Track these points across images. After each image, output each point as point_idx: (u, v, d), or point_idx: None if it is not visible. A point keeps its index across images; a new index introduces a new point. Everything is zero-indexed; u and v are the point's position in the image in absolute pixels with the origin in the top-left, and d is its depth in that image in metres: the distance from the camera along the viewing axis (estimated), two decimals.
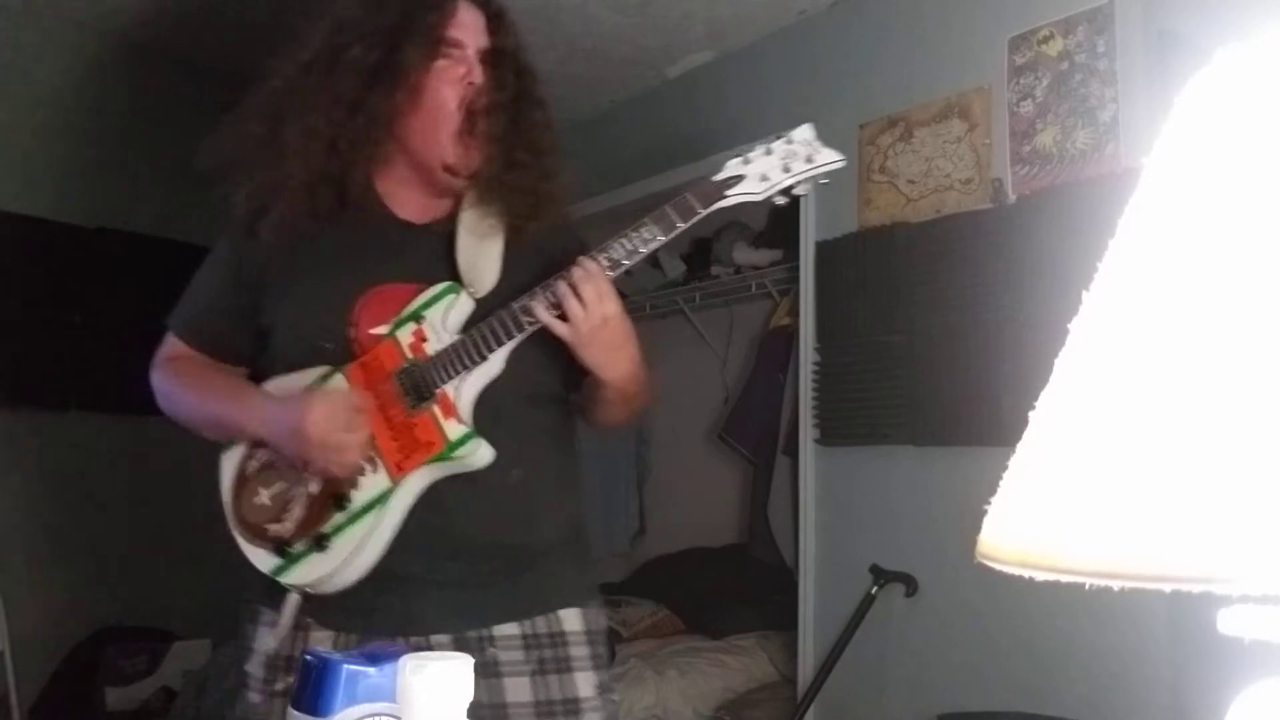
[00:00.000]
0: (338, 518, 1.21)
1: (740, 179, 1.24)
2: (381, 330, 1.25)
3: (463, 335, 1.24)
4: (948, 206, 2.50)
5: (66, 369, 2.97)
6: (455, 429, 1.21)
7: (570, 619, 1.28)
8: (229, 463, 1.30)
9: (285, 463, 1.24)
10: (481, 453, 1.21)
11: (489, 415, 1.23)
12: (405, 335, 1.25)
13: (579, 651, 1.27)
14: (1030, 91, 2.35)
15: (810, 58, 2.91)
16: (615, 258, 1.23)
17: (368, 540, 1.19)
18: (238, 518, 1.27)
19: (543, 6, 1.30)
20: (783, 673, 3.04)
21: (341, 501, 1.22)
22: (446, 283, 1.26)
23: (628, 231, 1.23)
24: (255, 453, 1.28)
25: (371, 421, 1.22)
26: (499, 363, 1.23)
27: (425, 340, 1.24)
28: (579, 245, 1.28)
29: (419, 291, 1.26)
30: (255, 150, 1.27)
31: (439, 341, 1.24)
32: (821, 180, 1.26)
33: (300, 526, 1.22)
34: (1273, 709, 0.47)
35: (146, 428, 2.94)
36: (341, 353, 1.26)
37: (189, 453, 1.42)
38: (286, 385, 1.28)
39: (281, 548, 1.23)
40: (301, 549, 1.22)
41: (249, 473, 1.28)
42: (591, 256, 1.22)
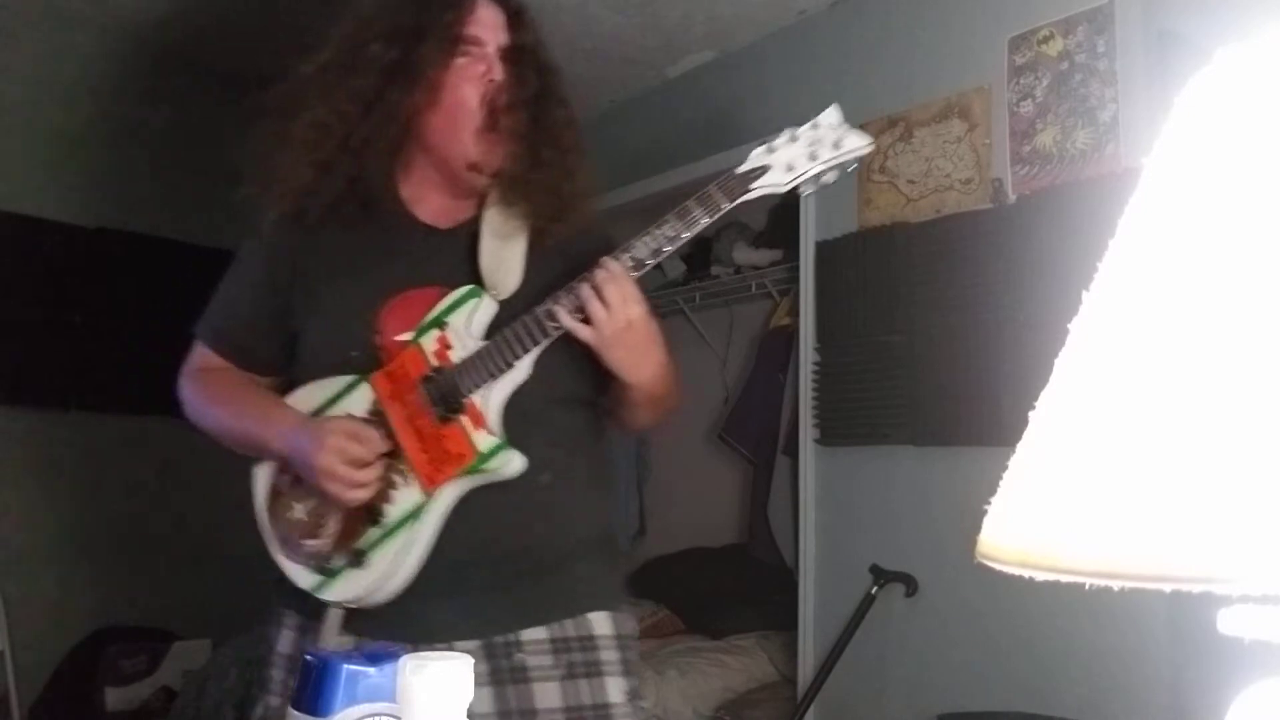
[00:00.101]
0: (373, 533, 1.20)
1: (765, 169, 1.19)
2: (406, 337, 1.24)
3: (488, 341, 1.21)
4: (948, 206, 2.50)
5: (66, 369, 2.96)
6: (485, 440, 1.19)
7: (600, 622, 1.25)
8: (261, 477, 1.29)
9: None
10: (514, 463, 1.19)
11: (517, 419, 1.21)
12: (430, 342, 1.23)
13: (609, 656, 1.24)
14: (1030, 91, 2.35)
15: (810, 58, 2.91)
16: (639, 257, 1.19)
17: (404, 555, 1.18)
18: (274, 532, 1.26)
19: (543, 6, 1.29)
20: (783, 673, 3.04)
21: (376, 516, 1.20)
22: (469, 286, 1.24)
23: (650, 229, 1.19)
24: (288, 467, 1.26)
25: (400, 433, 1.21)
26: (525, 369, 1.21)
27: (450, 347, 1.22)
28: (605, 244, 1.24)
29: (442, 296, 1.24)
30: (270, 148, 1.25)
31: (464, 347, 1.21)
32: (850, 167, 1.20)
33: (337, 541, 1.21)
34: (1273, 709, 0.47)
35: (146, 428, 2.97)
36: (368, 360, 1.24)
37: (189, 453, 1.41)
38: (311, 396, 1.26)
39: (321, 565, 1.21)
40: (340, 564, 1.20)
41: (283, 488, 1.27)
42: (615, 256, 1.19)
